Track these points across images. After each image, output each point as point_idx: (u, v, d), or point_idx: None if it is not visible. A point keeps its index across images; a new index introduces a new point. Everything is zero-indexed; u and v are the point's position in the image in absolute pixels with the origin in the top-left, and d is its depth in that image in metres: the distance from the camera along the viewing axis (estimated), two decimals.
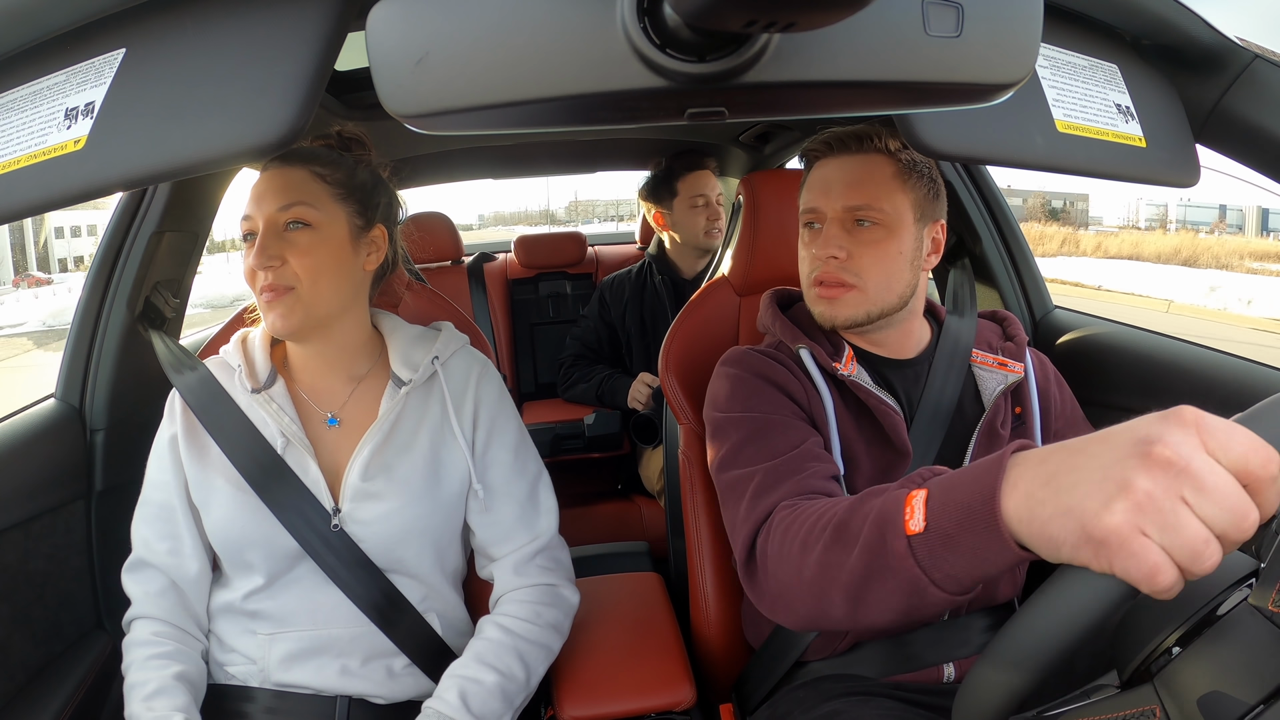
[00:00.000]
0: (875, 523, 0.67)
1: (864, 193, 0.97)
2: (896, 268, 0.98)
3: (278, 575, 0.98)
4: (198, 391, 1.01)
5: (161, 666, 0.94)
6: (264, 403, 0.99)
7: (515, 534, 1.06)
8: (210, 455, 0.99)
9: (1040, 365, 1.09)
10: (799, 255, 1.04)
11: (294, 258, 0.93)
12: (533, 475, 1.09)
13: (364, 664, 0.98)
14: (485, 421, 1.06)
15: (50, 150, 0.55)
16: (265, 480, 0.96)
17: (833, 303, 0.99)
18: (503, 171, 2.89)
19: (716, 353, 1.18)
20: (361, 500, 0.98)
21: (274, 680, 0.97)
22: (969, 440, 1.00)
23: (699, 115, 0.49)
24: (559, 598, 1.06)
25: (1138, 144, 0.69)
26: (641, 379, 2.04)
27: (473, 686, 0.94)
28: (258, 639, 0.98)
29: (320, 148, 1.01)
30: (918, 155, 1.00)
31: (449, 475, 1.03)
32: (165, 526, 1.00)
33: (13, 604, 1.06)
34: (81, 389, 1.22)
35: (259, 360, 1.02)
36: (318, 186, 0.96)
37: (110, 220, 1.23)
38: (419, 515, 0.99)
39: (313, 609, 0.97)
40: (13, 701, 1.03)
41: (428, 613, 1.02)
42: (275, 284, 0.93)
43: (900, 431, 0.97)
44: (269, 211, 0.94)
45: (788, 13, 0.38)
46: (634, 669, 1.07)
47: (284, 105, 0.52)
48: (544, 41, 0.44)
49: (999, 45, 0.47)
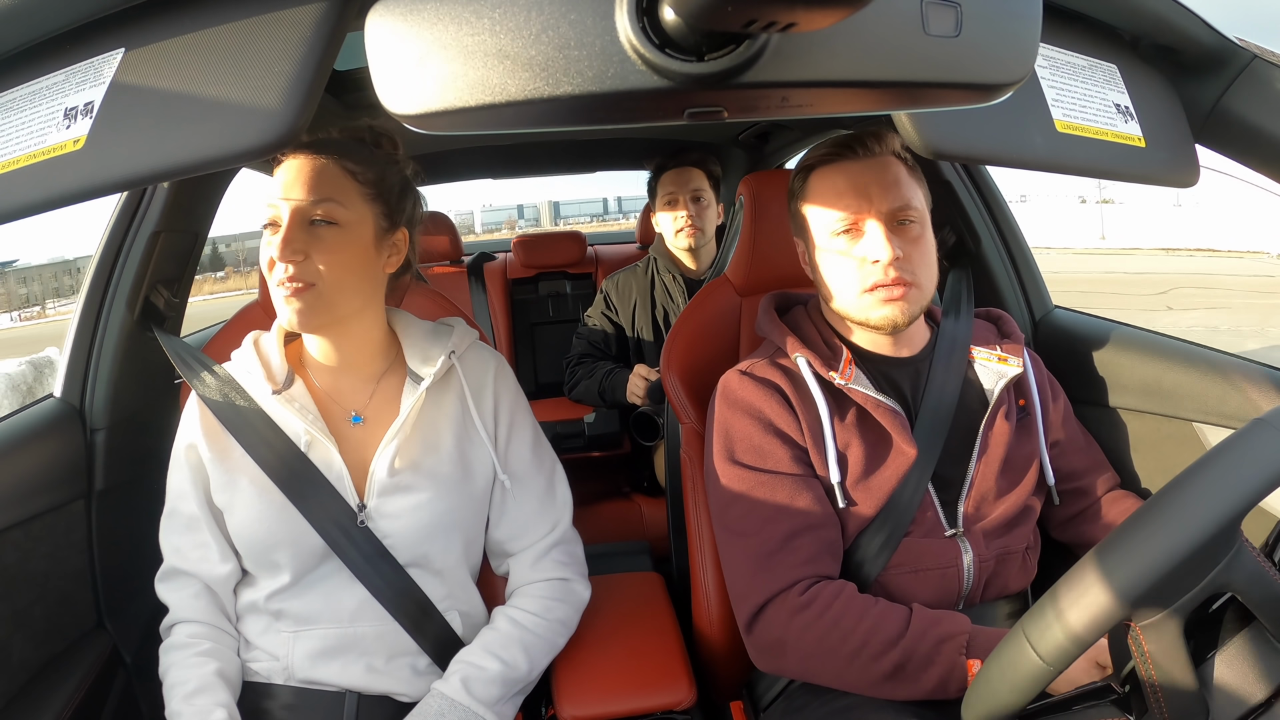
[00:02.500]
0: (939, 681, 0.86)
1: (901, 193, 0.97)
2: (934, 261, 1.01)
3: (304, 573, 0.97)
4: (218, 393, 1.01)
5: (200, 664, 0.95)
6: (285, 403, 0.98)
7: (534, 526, 1.07)
8: (233, 456, 0.99)
9: (1035, 361, 1.11)
10: (833, 264, 1.01)
11: (318, 254, 0.92)
12: (549, 468, 1.10)
13: (389, 661, 0.98)
14: (505, 415, 1.07)
15: (49, 150, 0.55)
16: (290, 479, 0.96)
17: (900, 304, 0.97)
18: (501, 172, 2.89)
19: (719, 352, 1.18)
20: (390, 494, 0.97)
21: (299, 678, 0.97)
22: (975, 434, 1.01)
23: (698, 115, 0.49)
24: (571, 593, 1.07)
25: (1137, 144, 0.69)
26: (638, 371, 2.01)
27: (476, 673, 0.96)
28: (282, 637, 0.98)
29: (352, 141, 0.99)
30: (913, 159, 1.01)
31: (475, 468, 1.03)
32: (193, 535, 1.00)
33: (13, 603, 1.06)
34: (82, 388, 1.22)
35: (275, 362, 1.01)
36: (349, 184, 0.95)
37: (110, 220, 1.23)
38: (451, 508, 1.00)
39: (337, 607, 0.97)
40: (13, 701, 1.03)
41: (449, 612, 1.02)
42: (297, 278, 0.91)
43: (904, 431, 0.99)
44: (298, 202, 0.92)
45: (787, 12, 0.38)
46: (634, 669, 1.07)
47: (283, 105, 0.52)
48: (543, 41, 0.44)
49: (998, 45, 0.47)
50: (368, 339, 1.03)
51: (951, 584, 0.98)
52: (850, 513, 0.98)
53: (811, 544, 0.95)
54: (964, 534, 0.99)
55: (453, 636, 1.02)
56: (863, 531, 0.98)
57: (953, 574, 0.98)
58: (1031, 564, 1.05)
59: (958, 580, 0.98)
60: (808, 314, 1.10)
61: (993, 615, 1.01)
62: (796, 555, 0.94)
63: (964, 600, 0.99)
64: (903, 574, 0.98)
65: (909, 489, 0.98)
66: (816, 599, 0.92)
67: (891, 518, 0.97)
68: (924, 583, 0.98)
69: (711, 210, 2.16)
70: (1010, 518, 1.01)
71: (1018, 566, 1.02)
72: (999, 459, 1.01)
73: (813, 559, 0.94)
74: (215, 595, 1.01)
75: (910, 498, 0.98)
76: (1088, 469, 1.10)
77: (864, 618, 0.89)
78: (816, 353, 1.02)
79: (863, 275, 0.98)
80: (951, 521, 1.00)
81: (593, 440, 2.10)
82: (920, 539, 0.98)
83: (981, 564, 0.98)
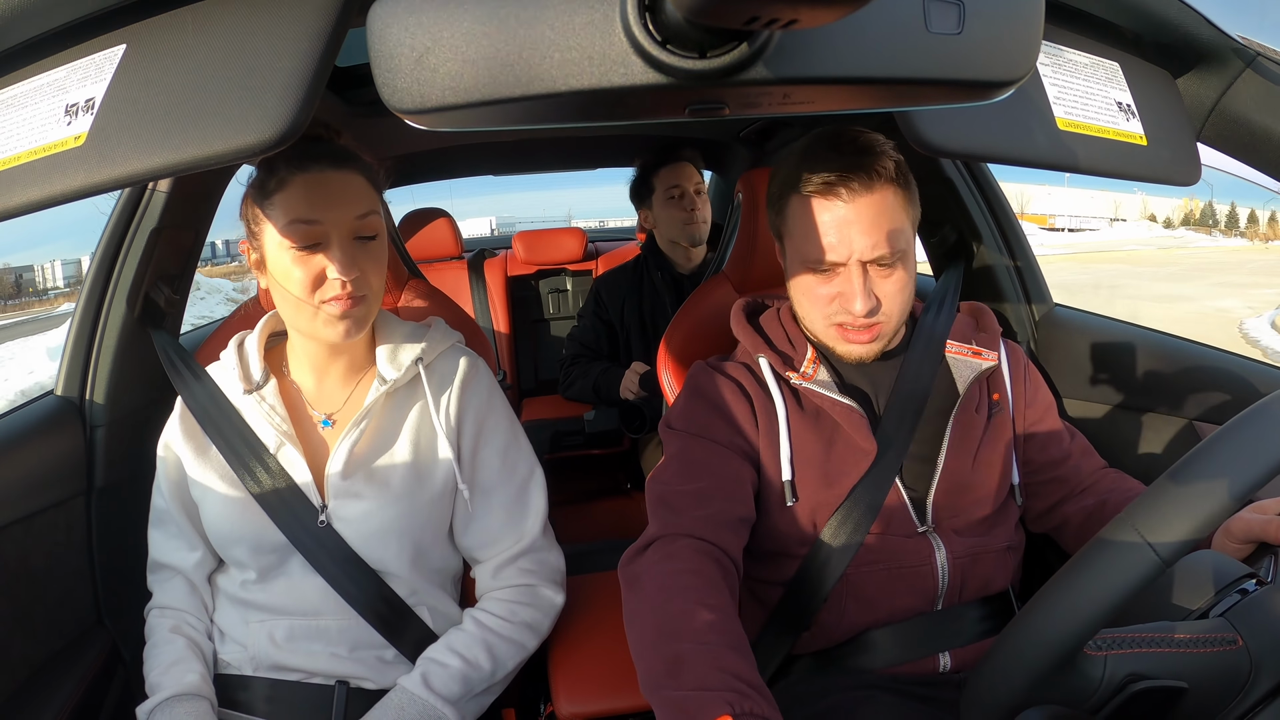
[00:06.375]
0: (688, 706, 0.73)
1: (881, 238, 0.94)
2: (911, 288, 1.00)
3: (268, 569, 1.00)
4: (199, 397, 1.05)
5: (172, 640, 1.02)
6: (256, 403, 1.01)
7: (501, 537, 1.07)
8: (209, 455, 1.03)
9: (1012, 354, 1.10)
10: (805, 292, 1.00)
11: (365, 266, 0.94)
12: (523, 476, 1.09)
13: (352, 651, 1.00)
14: (472, 423, 1.06)
15: (51, 146, 0.55)
16: (256, 478, 0.99)
17: (865, 346, 0.99)
18: (503, 168, 2.88)
19: (715, 349, 1.18)
20: (344, 498, 0.99)
21: (266, 664, 1.00)
22: (945, 428, 1.01)
23: (700, 112, 0.49)
24: (537, 597, 1.07)
25: (1138, 142, 0.69)
26: (634, 369, 2.02)
27: (436, 669, 0.98)
28: (250, 626, 1.01)
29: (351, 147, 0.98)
30: (909, 161, 0.99)
31: (432, 476, 1.03)
32: (164, 528, 1.07)
33: (13, 600, 1.06)
34: (82, 385, 1.22)
35: (253, 362, 1.04)
36: (374, 194, 0.97)
37: (110, 216, 1.23)
38: (398, 515, 1.00)
39: (301, 600, 1.00)
40: (13, 698, 1.03)
41: (418, 606, 1.03)
42: (354, 294, 0.93)
43: (863, 430, 0.98)
44: (346, 219, 0.92)
45: (789, 9, 0.38)
46: (632, 665, 1.07)
47: (284, 102, 0.52)
48: (545, 37, 0.44)
49: (1000, 42, 0.47)
50: (356, 340, 1.03)
51: (927, 582, 0.97)
52: (807, 507, 0.98)
53: (720, 509, 0.94)
54: (935, 530, 0.99)
55: (424, 629, 1.03)
56: (823, 529, 0.98)
57: (927, 571, 0.97)
58: (1013, 563, 1.04)
59: (932, 578, 0.97)
60: (779, 316, 1.09)
61: (974, 614, 1.00)
62: (701, 510, 0.93)
63: (942, 599, 0.99)
64: (876, 572, 0.97)
65: (871, 485, 0.97)
66: (663, 565, 0.89)
67: (852, 515, 0.97)
68: (898, 581, 0.97)
69: (707, 205, 2.17)
70: (985, 514, 1.01)
71: (997, 565, 1.01)
72: (969, 454, 1.00)
73: (713, 520, 0.93)
74: (190, 583, 1.06)
75: (874, 494, 0.97)
76: (1067, 457, 1.07)
77: (694, 603, 0.83)
78: (780, 353, 1.03)
79: (831, 311, 0.98)
80: (921, 518, 0.99)
81: (592, 437, 2.10)
82: (890, 536, 0.98)
83: (956, 561, 0.98)
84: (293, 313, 0.96)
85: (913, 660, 0.97)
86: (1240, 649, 0.60)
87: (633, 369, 2.01)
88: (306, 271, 0.91)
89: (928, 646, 0.98)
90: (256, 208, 0.94)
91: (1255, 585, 0.65)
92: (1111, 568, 0.58)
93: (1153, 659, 0.60)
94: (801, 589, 0.99)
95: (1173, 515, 0.58)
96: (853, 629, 0.99)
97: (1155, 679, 0.60)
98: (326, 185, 0.92)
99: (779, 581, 1.01)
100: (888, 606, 0.98)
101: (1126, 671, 0.60)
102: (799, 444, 0.99)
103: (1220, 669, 0.60)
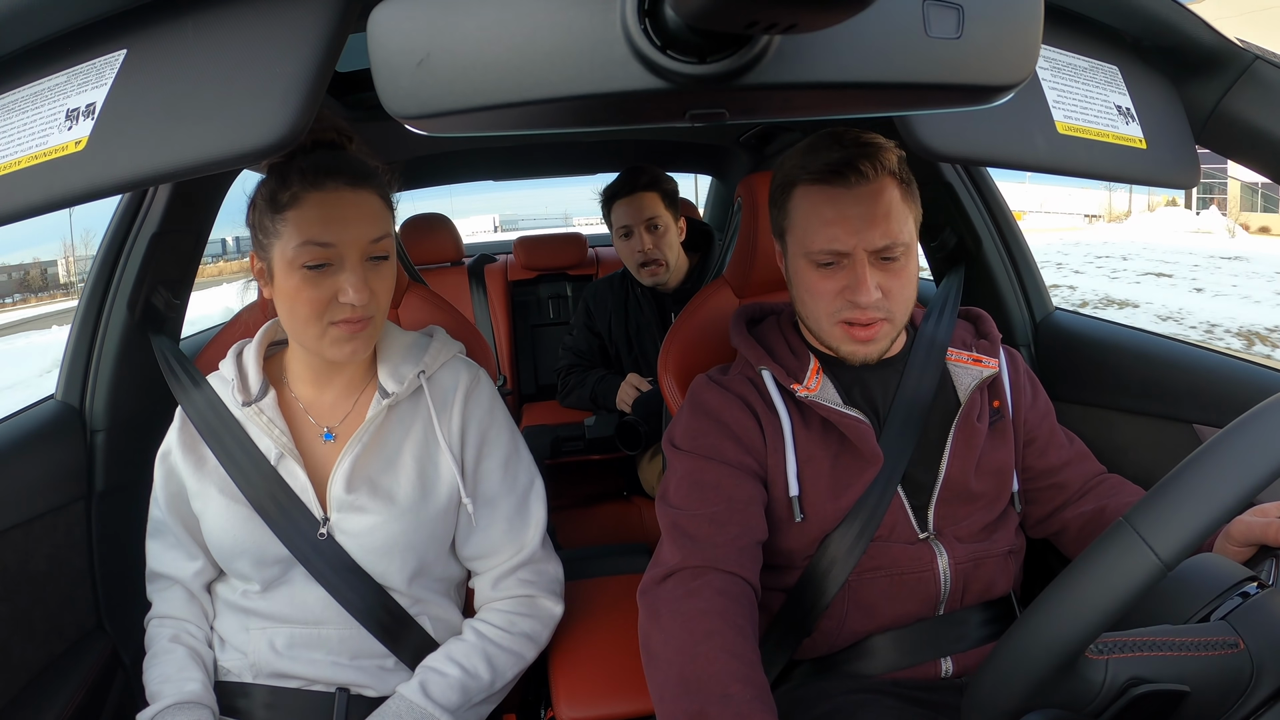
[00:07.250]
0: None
1: (888, 228, 0.94)
2: (914, 286, 1.00)
3: (271, 581, 0.99)
4: (199, 406, 1.04)
5: (172, 649, 1.01)
6: (255, 415, 1.00)
7: (501, 548, 1.06)
8: (208, 466, 1.02)
9: (1011, 361, 1.09)
10: (809, 289, 0.99)
11: (377, 286, 0.93)
12: (523, 487, 1.08)
13: (352, 659, 1.00)
14: (475, 435, 1.05)
15: (51, 151, 0.55)
16: (256, 491, 0.98)
17: (869, 343, 0.98)
18: (504, 173, 2.89)
19: (715, 355, 1.18)
20: (346, 512, 0.98)
21: (266, 671, 0.99)
22: (946, 436, 1.00)
23: (700, 116, 0.49)
24: (537, 608, 1.07)
25: (1138, 145, 0.69)
26: (630, 380, 2.01)
27: (435, 677, 0.98)
28: (251, 634, 1.00)
29: (367, 161, 0.96)
30: (909, 163, 0.99)
31: (436, 490, 1.02)
32: (161, 538, 1.06)
33: (13, 604, 1.06)
34: (82, 389, 1.22)
35: (252, 373, 1.02)
36: (389, 215, 0.96)
37: (111, 221, 1.23)
38: (404, 530, 0.99)
39: (303, 610, 0.99)
40: (13, 702, 1.03)
41: (420, 616, 1.03)
42: (363, 316, 0.92)
43: (868, 440, 0.97)
44: (360, 243, 0.91)
45: (788, 14, 0.38)
46: (633, 669, 1.06)
47: (285, 106, 0.52)
48: (545, 42, 0.44)
49: (999, 47, 0.47)
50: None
51: (929, 588, 0.97)
52: (814, 521, 0.98)
53: (737, 534, 0.93)
54: (937, 537, 0.98)
55: (425, 638, 1.03)
56: (828, 537, 0.98)
57: (928, 578, 0.97)
58: (1014, 567, 1.04)
59: (934, 584, 0.97)
60: (779, 324, 1.09)
61: (975, 619, 1.00)
62: (719, 536, 0.92)
63: (944, 605, 0.98)
64: (878, 579, 0.97)
65: (875, 495, 0.97)
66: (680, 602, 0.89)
67: (857, 523, 0.96)
68: (900, 587, 0.97)
69: (671, 233, 2.06)
70: (986, 521, 1.01)
71: (999, 570, 1.01)
72: (971, 461, 1.00)
73: (731, 547, 0.92)
74: (189, 592, 1.05)
75: (877, 503, 0.97)
76: (1066, 463, 1.07)
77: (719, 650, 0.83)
78: (783, 365, 1.02)
79: (837, 308, 0.97)
80: (923, 525, 0.99)
81: (592, 443, 2.10)
82: (892, 543, 0.97)
83: (957, 567, 0.97)
84: (299, 329, 0.94)
85: (914, 665, 0.97)
86: (1242, 652, 0.60)
87: (628, 381, 2.02)
88: (316, 293, 0.90)
89: (929, 651, 0.97)
90: (266, 219, 0.91)
91: (1256, 588, 0.65)
92: (1113, 571, 0.58)
93: (1154, 663, 0.60)
94: (804, 596, 0.98)
95: (1173, 518, 0.58)
96: (854, 635, 0.98)
97: (1157, 683, 0.59)
98: (342, 206, 0.90)
99: (781, 589, 1.01)
100: (889, 613, 0.98)
101: (1128, 675, 0.60)
102: (805, 457, 0.99)
103: (1222, 672, 0.60)
